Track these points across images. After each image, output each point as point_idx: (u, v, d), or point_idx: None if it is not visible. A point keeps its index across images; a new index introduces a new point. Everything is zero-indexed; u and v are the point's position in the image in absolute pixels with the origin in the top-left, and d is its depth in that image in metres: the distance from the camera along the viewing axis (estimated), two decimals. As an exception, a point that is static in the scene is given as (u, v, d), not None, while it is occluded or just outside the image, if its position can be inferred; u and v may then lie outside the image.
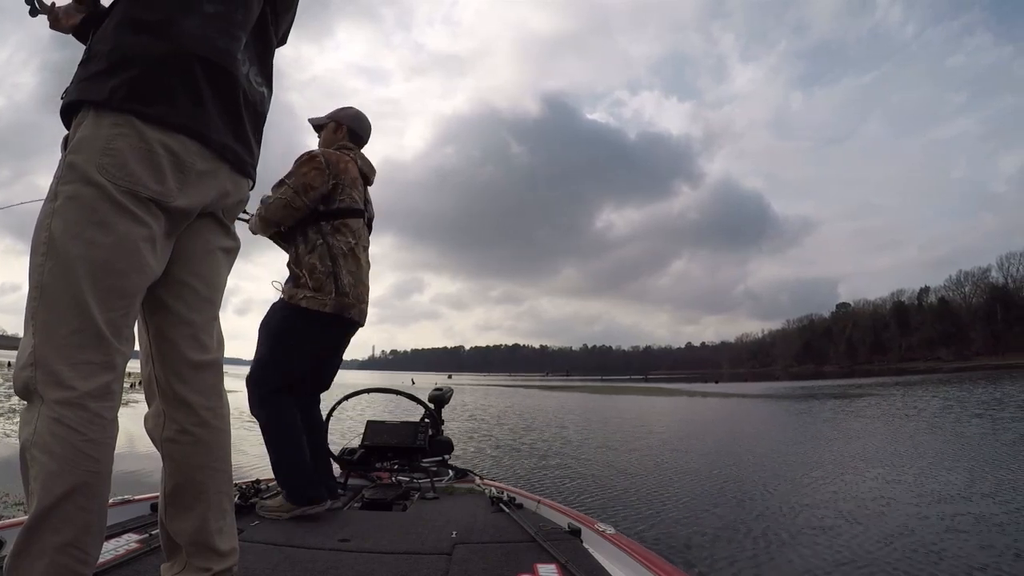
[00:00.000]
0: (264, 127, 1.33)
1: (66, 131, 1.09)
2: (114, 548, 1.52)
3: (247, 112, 1.21)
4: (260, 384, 2.26)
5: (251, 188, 1.31)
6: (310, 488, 2.16)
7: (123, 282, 1.02)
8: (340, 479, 2.89)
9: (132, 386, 22.15)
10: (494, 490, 2.55)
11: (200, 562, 1.16)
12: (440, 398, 3.14)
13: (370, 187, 2.57)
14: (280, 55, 1.45)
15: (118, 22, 1.07)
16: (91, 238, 0.98)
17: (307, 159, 2.32)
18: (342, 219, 2.32)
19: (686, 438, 10.94)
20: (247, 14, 1.19)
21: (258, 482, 2.46)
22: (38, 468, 0.92)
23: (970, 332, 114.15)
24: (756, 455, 8.36)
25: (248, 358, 2.41)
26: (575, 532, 1.89)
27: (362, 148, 2.58)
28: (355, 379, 39.95)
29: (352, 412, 9.76)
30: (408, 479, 2.87)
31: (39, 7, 1.25)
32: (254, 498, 2.27)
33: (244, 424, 6.70)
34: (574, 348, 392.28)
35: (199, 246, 1.19)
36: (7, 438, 7.81)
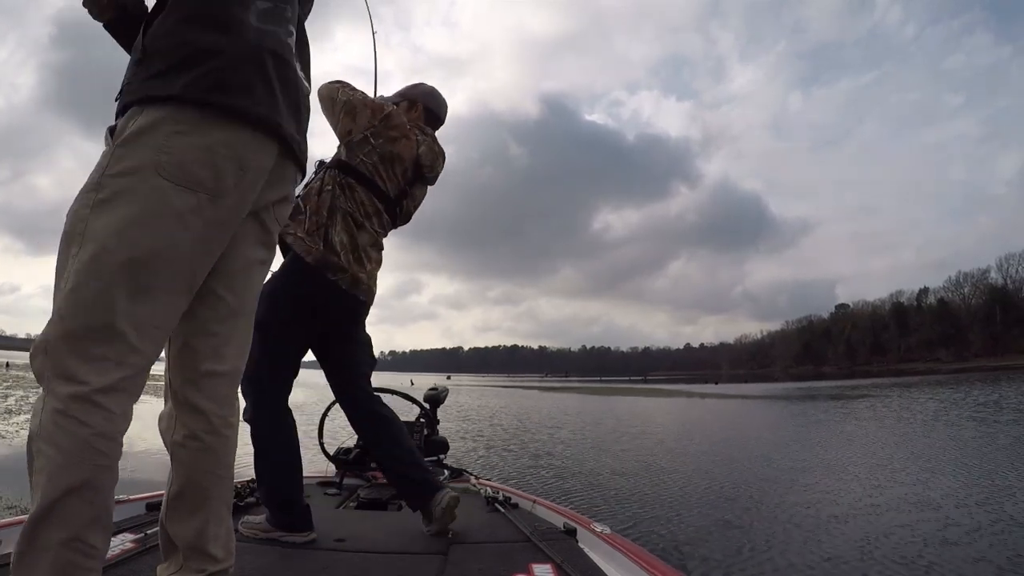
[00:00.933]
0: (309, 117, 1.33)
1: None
2: (109, 548, 1.52)
3: (303, 106, 1.22)
4: (254, 382, 1.84)
5: (300, 181, 1.30)
6: (296, 517, 1.86)
7: (160, 282, 0.99)
8: (336, 479, 2.90)
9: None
10: (489, 490, 2.53)
11: (196, 564, 1.16)
12: (435, 398, 3.14)
13: (429, 184, 2.27)
14: None
15: (179, 18, 1.04)
16: (134, 236, 0.95)
17: (378, 103, 2.11)
18: (355, 181, 2.04)
19: (683, 439, 10.95)
20: (293, 9, 1.20)
21: (253, 481, 2.44)
22: (44, 460, 0.89)
23: (969, 333, 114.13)
24: (752, 457, 8.37)
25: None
26: (570, 532, 1.89)
27: (437, 131, 2.32)
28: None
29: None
30: None
31: None
32: (249, 497, 2.26)
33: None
34: (573, 349, 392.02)
35: (238, 257, 1.17)
36: (2, 439, 7.79)
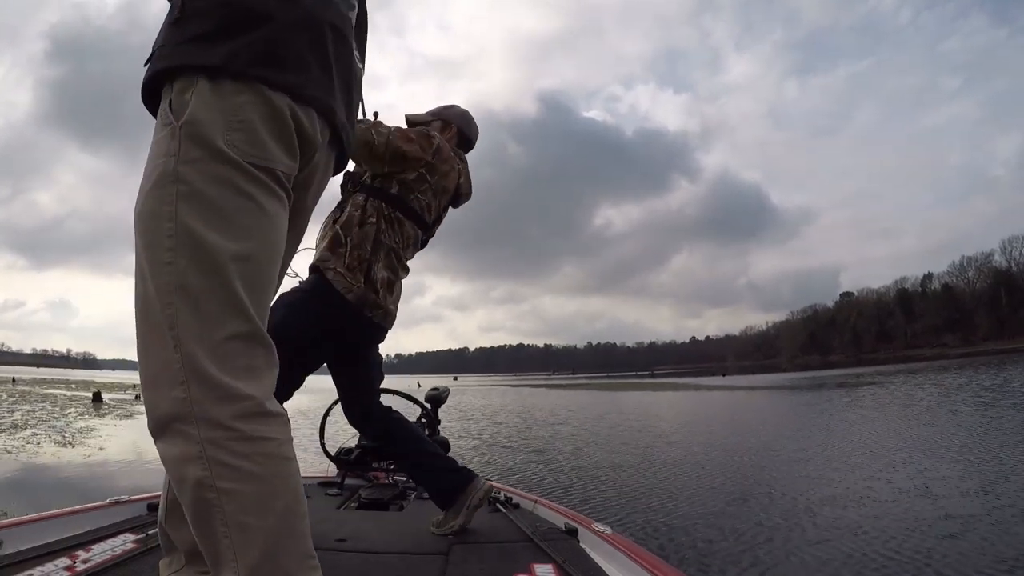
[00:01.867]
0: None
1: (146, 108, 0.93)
2: (111, 548, 1.51)
3: (355, 93, 1.10)
4: None
5: (337, 170, 1.16)
6: None
7: (271, 271, 0.90)
8: (337, 479, 2.89)
9: (137, 397, 22.41)
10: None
11: (200, 566, 1.11)
12: (437, 398, 3.11)
13: (454, 208, 2.24)
14: None
15: None
16: (240, 226, 0.84)
17: (424, 132, 1.99)
18: (403, 216, 1.95)
19: (688, 434, 10.97)
20: None
21: None
22: (238, 503, 0.78)
23: (975, 317, 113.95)
24: (757, 452, 8.36)
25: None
26: (572, 532, 1.87)
27: (467, 153, 2.27)
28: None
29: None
30: (405, 479, 2.85)
31: None
32: None
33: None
34: (578, 346, 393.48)
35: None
36: (7, 454, 7.79)
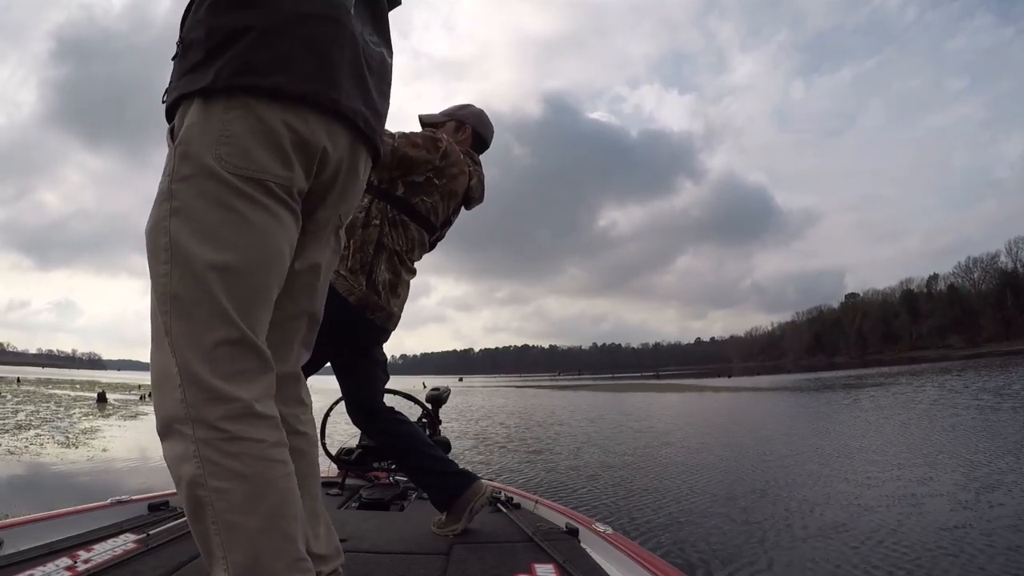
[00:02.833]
0: (390, 92, 1.19)
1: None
2: (111, 548, 1.51)
3: (370, 73, 1.07)
4: None
5: (374, 161, 1.16)
6: None
7: (262, 283, 0.92)
8: (338, 479, 2.89)
9: (142, 398, 22.46)
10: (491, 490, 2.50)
11: None
12: (438, 398, 3.11)
13: (467, 210, 2.22)
14: None
15: (210, 3, 0.94)
16: (223, 238, 0.87)
17: (430, 136, 1.97)
18: (408, 219, 1.95)
19: (691, 435, 10.93)
20: None
21: None
22: (227, 501, 0.82)
23: (980, 318, 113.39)
24: (758, 452, 8.33)
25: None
26: (573, 532, 1.86)
27: (481, 154, 2.24)
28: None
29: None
30: (406, 479, 2.85)
31: None
32: None
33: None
34: (583, 347, 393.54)
35: (304, 256, 1.07)
36: (11, 455, 7.82)
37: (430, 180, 1.94)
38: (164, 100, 0.98)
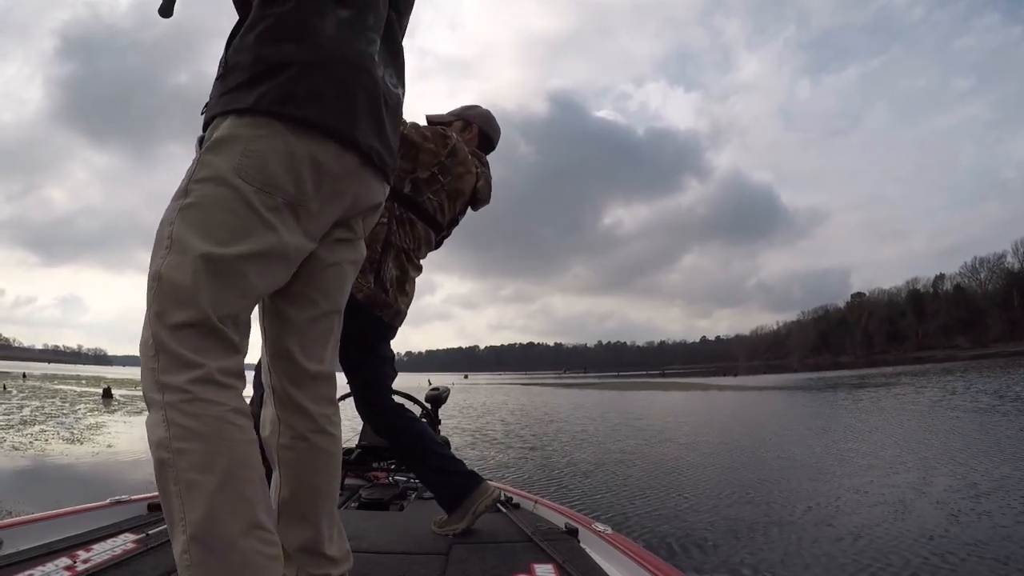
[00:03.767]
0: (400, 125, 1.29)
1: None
2: (111, 548, 1.51)
3: (388, 114, 1.18)
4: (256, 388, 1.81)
5: (387, 192, 1.25)
6: None
7: (242, 284, 0.97)
8: None
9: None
10: None
11: (313, 569, 1.15)
12: (437, 398, 3.10)
13: (473, 211, 2.24)
14: None
15: (257, 33, 1.03)
16: (219, 235, 0.94)
17: (440, 132, 1.99)
18: (415, 217, 1.98)
19: (693, 434, 10.93)
20: (377, 18, 1.17)
21: None
22: (187, 460, 0.85)
23: (987, 319, 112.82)
24: (758, 453, 8.32)
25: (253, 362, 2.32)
26: (572, 532, 1.86)
27: (488, 155, 2.24)
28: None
29: (351, 412, 9.73)
30: (405, 479, 2.85)
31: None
32: None
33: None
34: (589, 345, 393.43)
35: (326, 259, 1.16)
36: (15, 451, 7.87)
37: (434, 176, 1.96)
38: (203, 113, 1.08)
